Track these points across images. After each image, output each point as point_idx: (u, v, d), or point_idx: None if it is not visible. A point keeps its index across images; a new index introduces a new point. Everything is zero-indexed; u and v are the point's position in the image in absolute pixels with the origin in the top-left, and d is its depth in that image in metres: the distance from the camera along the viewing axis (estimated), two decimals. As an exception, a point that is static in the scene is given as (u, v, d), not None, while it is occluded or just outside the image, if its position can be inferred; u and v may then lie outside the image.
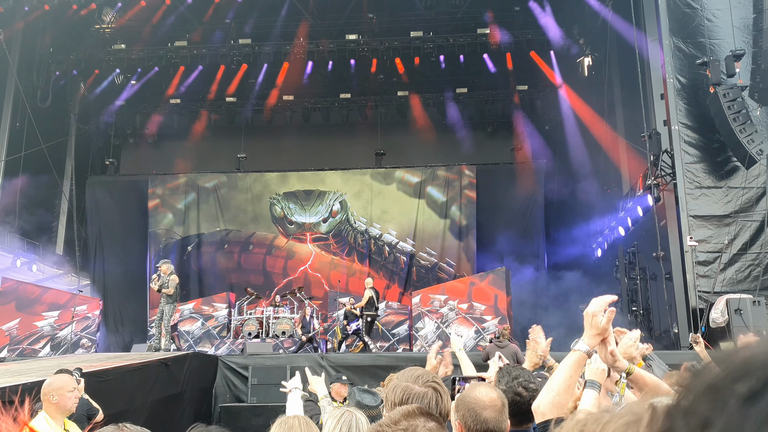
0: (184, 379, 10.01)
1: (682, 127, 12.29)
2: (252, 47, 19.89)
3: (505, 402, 2.45)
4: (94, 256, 20.52)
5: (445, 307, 15.99)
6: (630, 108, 16.18)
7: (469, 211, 20.39)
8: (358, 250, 20.66)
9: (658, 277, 13.76)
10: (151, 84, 21.30)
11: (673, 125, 12.34)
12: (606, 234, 17.41)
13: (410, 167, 21.03)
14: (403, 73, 20.56)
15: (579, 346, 2.28)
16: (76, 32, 19.20)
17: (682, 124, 12.31)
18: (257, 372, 11.26)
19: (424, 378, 2.39)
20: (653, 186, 13.07)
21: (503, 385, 2.65)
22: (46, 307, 16.17)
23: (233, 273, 20.59)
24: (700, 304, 11.33)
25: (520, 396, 2.58)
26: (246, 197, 21.22)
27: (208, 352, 15.79)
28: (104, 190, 21.38)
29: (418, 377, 2.39)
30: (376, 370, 10.97)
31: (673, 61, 12.53)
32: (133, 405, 8.14)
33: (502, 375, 2.70)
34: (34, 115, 17.44)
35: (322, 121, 22.02)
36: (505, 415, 2.43)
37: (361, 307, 14.60)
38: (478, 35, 19.25)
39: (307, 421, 3.01)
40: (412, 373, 2.43)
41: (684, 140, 12.24)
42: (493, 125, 21.76)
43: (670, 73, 12.48)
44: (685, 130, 12.29)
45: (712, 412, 0.59)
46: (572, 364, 2.29)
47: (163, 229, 20.97)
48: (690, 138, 12.28)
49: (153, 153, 22.52)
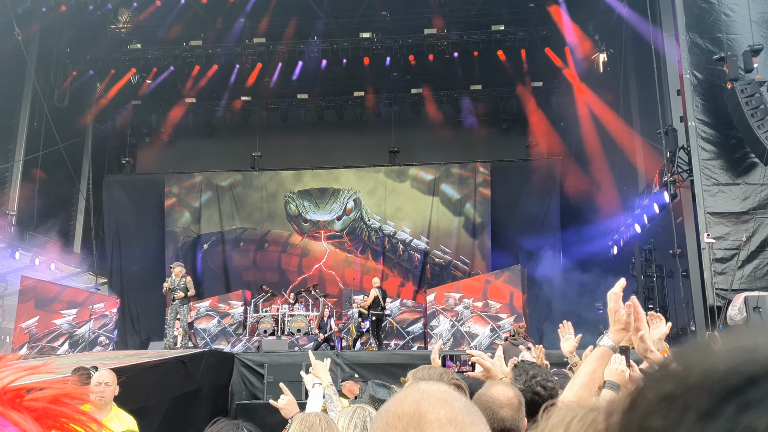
0: (200, 376, 10.08)
1: (698, 123, 12.17)
2: (266, 46, 19.98)
3: (521, 400, 2.46)
4: (111, 254, 20.72)
5: (460, 305, 15.98)
6: (646, 104, 16.06)
7: (484, 209, 20.34)
8: (372, 248, 20.69)
9: (675, 274, 13.66)
10: (167, 83, 21.43)
11: (690, 121, 12.22)
12: (622, 231, 17.31)
13: (424, 165, 21.02)
14: (417, 70, 20.57)
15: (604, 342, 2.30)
16: (92, 32, 19.35)
17: (698, 120, 12.18)
18: (273, 369, 11.32)
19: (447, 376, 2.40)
20: (670, 183, 12.97)
21: (521, 384, 2.64)
22: (65, 305, 16.35)
23: (249, 271, 20.70)
24: (718, 302, 11.23)
25: (539, 395, 2.58)
26: (261, 195, 21.31)
27: (225, 349, 15.89)
28: (121, 189, 21.57)
29: (441, 375, 2.41)
30: (391, 368, 11.00)
31: (690, 56, 12.41)
32: (151, 402, 8.22)
33: (519, 373, 2.69)
34: (51, 115, 17.59)
35: (336, 119, 22.07)
36: (522, 414, 2.44)
37: (366, 306, 14.60)
38: (493, 32, 19.20)
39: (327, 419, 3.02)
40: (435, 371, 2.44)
41: (701, 136, 12.13)
42: (508, 122, 21.69)
43: (686, 69, 12.37)
44: (701, 127, 12.17)
45: (668, 427, 0.57)
46: (596, 358, 2.31)
47: (180, 228, 21.13)
48: (707, 134, 12.16)
49: (169, 152, 22.68)
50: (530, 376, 2.64)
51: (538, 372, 2.63)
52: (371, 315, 14.32)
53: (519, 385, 2.65)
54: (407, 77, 21.02)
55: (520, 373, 2.69)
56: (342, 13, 19.19)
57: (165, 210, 21.22)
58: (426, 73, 20.69)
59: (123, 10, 19.89)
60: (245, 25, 19.40)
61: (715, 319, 11.05)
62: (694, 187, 12.09)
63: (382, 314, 14.67)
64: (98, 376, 4.71)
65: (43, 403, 0.77)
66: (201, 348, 15.10)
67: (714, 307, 11.21)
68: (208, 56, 20.13)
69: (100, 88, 21.31)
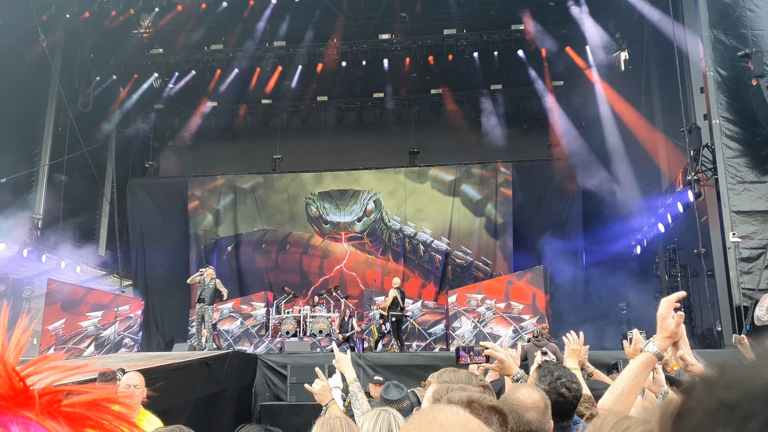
0: (224, 377, 10.16)
1: (723, 121, 12.02)
2: (286, 49, 20.10)
3: (548, 403, 2.45)
4: (135, 256, 20.94)
5: (482, 306, 15.93)
6: (668, 102, 15.91)
7: (505, 209, 20.24)
8: (392, 249, 20.70)
9: (700, 274, 13.50)
10: (189, 87, 21.64)
11: (714, 119, 12.08)
12: (645, 231, 17.15)
13: (444, 165, 20.98)
14: (437, 71, 20.55)
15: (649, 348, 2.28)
16: (115, 38, 19.60)
17: (723, 117, 12.04)
18: (296, 371, 11.38)
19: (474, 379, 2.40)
20: (693, 181, 12.83)
21: (546, 385, 2.63)
22: (90, 308, 16.58)
23: (271, 272, 20.81)
24: (744, 302, 11.08)
25: (564, 397, 2.57)
26: (282, 197, 21.43)
27: (248, 350, 16.00)
28: (145, 192, 21.81)
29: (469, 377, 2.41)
30: (413, 370, 11.00)
31: (714, 53, 12.27)
32: (176, 404, 8.30)
33: (544, 374, 2.68)
34: (75, 120, 17.87)
35: (356, 120, 22.13)
36: (548, 416, 2.43)
37: (385, 307, 14.58)
38: (513, 31, 19.13)
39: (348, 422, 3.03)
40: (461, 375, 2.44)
41: (725, 134, 11.98)
42: (529, 122, 21.57)
43: (710, 66, 12.22)
44: (726, 124, 12.02)
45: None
46: (640, 365, 2.29)
47: (203, 230, 21.31)
48: (731, 132, 12.00)
49: (191, 155, 22.89)
50: (555, 377, 2.62)
51: (563, 373, 2.61)
52: (391, 316, 14.31)
53: (543, 386, 2.63)
54: (427, 78, 21.01)
55: (544, 374, 2.68)
56: (361, 14, 19.24)
57: (188, 213, 21.42)
58: (445, 73, 20.66)
59: (145, 15, 20.12)
60: (265, 29, 19.52)
61: (742, 319, 10.91)
62: (718, 185, 11.94)
63: (401, 315, 14.64)
64: (127, 379, 4.76)
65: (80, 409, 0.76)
66: (224, 349, 15.23)
67: (740, 307, 11.06)
68: (229, 60, 20.31)
69: (123, 93, 21.57)
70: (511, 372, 2.95)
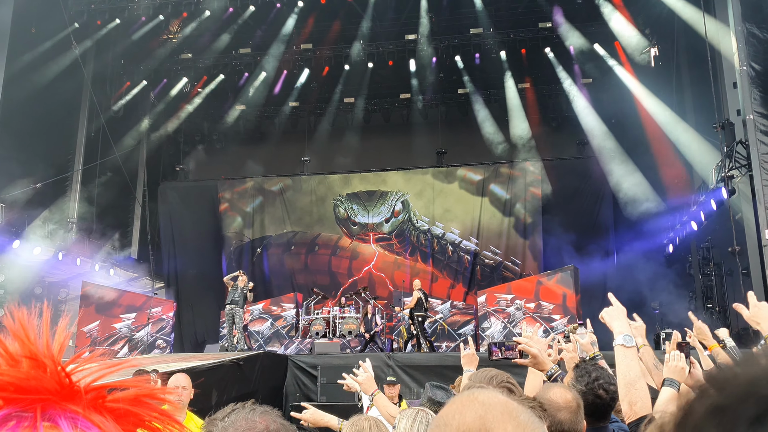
0: (255, 378, 10.25)
1: (757, 116, 11.80)
2: (313, 51, 20.21)
3: (580, 403, 2.43)
4: (167, 259, 21.20)
5: (512, 306, 15.83)
6: (700, 98, 15.65)
7: (534, 209, 20.07)
8: (421, 250, 20.67)
9: (735, 272, 13.27)
10: (217, 91, 21.87)
11: (747, 115, 11.86)
12: (677, 229, 16.88)
13: (472, 165, 20.89)
14: (464, 70, 20.48)
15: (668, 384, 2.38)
16: (144, 44, 19.89)
17: (756, 113, 11.81)
18: (326, 371, 11.43)
19: (498, 379, 2.39)
20: (727, 178, 12.60)
21: (582, 386, 2.60)
22: (124, 310, 16.85)
23: (300, 274, 20.93)
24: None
25: (600, 398, 2.54)
26: (310, 199, 21.53)
27: (278, 351, 16.12)
28: (176, 195, 22.09)
29: (492, 378, 2.40)
30: (443, 370, 10.97)
31: (747, 48, 12.04)
32: (208, 404, 8.39)
33: (581, 374, 2.65)
34: (107, 125, 18.18)
35: (383, 121, 22.15)
36: (580, 417, 2.41)
37: (410, 308, 14.57)
38: (540, 29, 18.99)
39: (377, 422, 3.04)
40: (485, 374, 2.43)
41: (759, 130, 11.75)
42: (557, 120, 21.34)
43: (743, 61, 12.00)
44: (760, 120, 11.79)
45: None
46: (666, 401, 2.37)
47: (233, 233, 21.52)
48: (766, 127, 11.77)
49: (221, 158, 23.13)
50: (592, 379, 2.59)
51: (601, 374, 2.58)
52: (417, 317, 14.28)
53: (581, 387, 2.61)
54: (453, 77, 20.94)
55: (582, 374, 2.65)
56: (387, 15, 19.25)
57: (218, 215, 21.64)
58: (472, 72, 20.57)
59: (174, 21, 20.39)
60: (291, 32, 19.64)
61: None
62: (753, 182, 11.72)
63: (426, 315, 14.62)
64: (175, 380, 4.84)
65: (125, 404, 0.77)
66: (255, 350, 15.36)
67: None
68: (257, 63, 20.49)
69: (153, 98, 21.88)
70: (544, 367, 2.92)
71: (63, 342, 0.80)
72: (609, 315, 2.44)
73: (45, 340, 0.79)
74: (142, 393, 0.79)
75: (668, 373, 2.42)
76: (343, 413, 5.29)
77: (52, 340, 0.80)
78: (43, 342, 0.78)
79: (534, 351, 2.92)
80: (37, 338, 0.78)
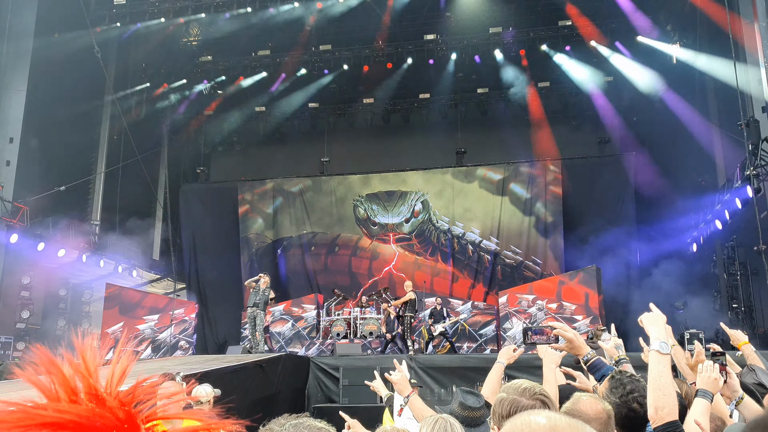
0: (278, 380, 10.28)
1: (783, 113, 11.61)
2: (332, 53, 20.26)
3: (611, 414, 2.40)
4: (188, 261, 21.36)
5: (534, 306, 15.74)
6: (724, 95, 15.43)
7: (555, 208, 19.92)
8: (441, 250, 20.61)
9: (760, 272, 13.07)
10: (237, 93, 22.00)
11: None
12: (701, 228, 16.68)
13: (492, 164, 20.79)
14: (483, 69, 20.40)
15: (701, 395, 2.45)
16: (165, 47, 20.05)
17: (783, 110, 11.62)
18: (348, 373, 11.43)
19: (531, 391, 2.37)
20: (752, 176, 12.41)
21: (616, 398, 2.57)
22: (147, 311, 17.01)
23: (320, 275, 20.97)
24: (809, 301, 10.68)
25: (634, 411, 2.50)
26: (330, 200, 21.57)
27: (299, 352, 16.18)
28: (196, 197, 22.25)
29: (525, 390, 2.38)
30: (465, 372, 10.94)
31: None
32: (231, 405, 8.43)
33: (615, 386, 2.61)
34: (129, 128, 18.36)
35: (402, 121, 22.13)
36: (611, 428, 2.38)
37: (397, 306, 14.51)
38: (560, 27, 18.87)
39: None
40: (518, 386, 2.41)
41: (786, 127, 11.57)
42: (578, 118, 21.16)
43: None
44: (786, 117, 11.61)
45: None
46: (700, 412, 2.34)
47: (254, 234, 21.61)
48: (792, 125, 11.59)
49: (241, 160, 23.27)
50: (627, 391, 2.56)
51: (636, 387, 2.55)
52: (407, 318, 14.11)
53: (615, 399, 2.57)
54: (473, 77, 20.86)
55: (616, 385, 2.61)
56: (405, 15, 19.22)
57: (239, 217, 21.76)
58: (491, 71, 20.48)
59: (194, 23, 20.54)
60: (311, 33, 19.69)
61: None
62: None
63: (415, 317, 14.50)
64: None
65: None
66: (276, 351, 15.42)
67: (805, 306, 10.67)
68: (276, 65, 20.58)
69: (173, 100, 22.07)
70: (581, 352, 2.91)
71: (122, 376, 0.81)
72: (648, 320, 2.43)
73: (109, 376, 0.80)
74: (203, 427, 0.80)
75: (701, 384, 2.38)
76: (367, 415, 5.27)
77: (111, 376, 0.80)
78: (106, 377, 0.79)
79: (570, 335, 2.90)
80: (97, 373, 0.79)
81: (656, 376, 2.27)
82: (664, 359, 2.29)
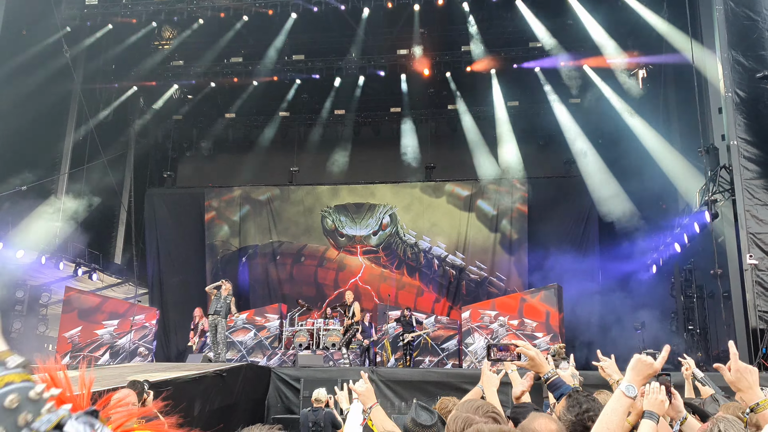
0: (238, 390, 10.21)
1: (741, 142, 11.96)
2: (305, 63, 20.31)
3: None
4: (152, 266, 21.08)
5: (495, 322, 15.89)
6: (686, 122, 15.87)
7: (521, 225, 20.18)
8: (407, 263, 20.70)
9: (716, 295, 13.43)
10: (208, 99, 21.89)
11: (732, 140, 12.03)
12: (661, 250, 17.05)
13: (460, 180, 20.99)
14: (454, 86, 20.64)
15: (647, 416, 2.47)
16: (136, 49, 19.87)
17: (741, 138, 11.98)
18: (309, 384, 11.38)
19: (483, 409, 2.43)
20: (711, 202, 12.77)
21: (572, 416, 2.64)
22: (106, 316, 16.73)
23: (285, 284, 20.86)
24: (761, 325, 10.99)
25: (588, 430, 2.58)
26: (298, 210, 21.52)
27: (260, 362, 16.04)
28: (162, 202, 21.99)
29: (477, 408, 2.43)
30: (426, 386, 11.00)
31: (732, 74, 12.23)
32: (191, 415, 8.35)
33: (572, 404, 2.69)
34: (96, 129, 18.13)
35: (373, 134, 22.24)
36: (563, 446, 2.45)
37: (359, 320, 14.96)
38: (530, 49, 19.21)
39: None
40: (471, 405, 2.47)
41: (743, 155, 11.92)
42: (545, 138, 21.49)
43: (728, 87, 12.20)
44: (744, 145, 11.96)
45: None
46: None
47: (220, 241, 21.43)
48: (750, 153, 11.94)
49: (209, 166, 23.10)
50: (583, 410, 2.63)
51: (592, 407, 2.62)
52: (358, 330, 14.67)
53: (571, 417, 2.65)
54: (444, 93, 21.09)
55: (573, 404, 2.68)
56: (380, 29, 19.38)
57: (205, 223, 21.56)
58: (463, 89, 20.74)
59: (166, 27, 20.42)
60: (284, 42, 19.71)
61: (758, 342, 10.82)
62: (736, 206, 11.88)
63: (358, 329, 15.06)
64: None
65: None
66: (236, 360, 15.29)
67: (756, 330, 10.98)
68: (248, 72, 20.53)
69: (142, 104, 21.85)
70: (543, 370, 2.96)
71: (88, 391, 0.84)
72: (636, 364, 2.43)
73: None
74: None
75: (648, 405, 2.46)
76: (326, 429, 5.29)
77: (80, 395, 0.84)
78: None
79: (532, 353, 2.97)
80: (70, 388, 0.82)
81: (610, 411, 2.34)
82: (625, 401, 2.36)
